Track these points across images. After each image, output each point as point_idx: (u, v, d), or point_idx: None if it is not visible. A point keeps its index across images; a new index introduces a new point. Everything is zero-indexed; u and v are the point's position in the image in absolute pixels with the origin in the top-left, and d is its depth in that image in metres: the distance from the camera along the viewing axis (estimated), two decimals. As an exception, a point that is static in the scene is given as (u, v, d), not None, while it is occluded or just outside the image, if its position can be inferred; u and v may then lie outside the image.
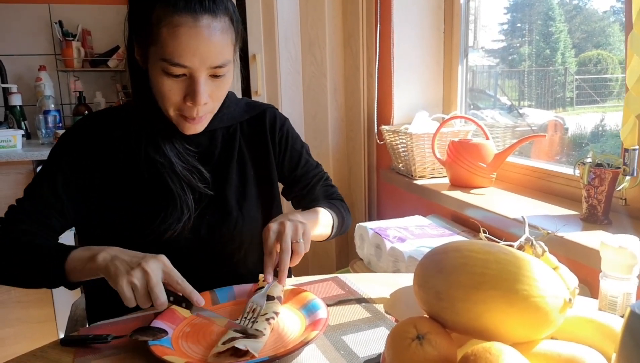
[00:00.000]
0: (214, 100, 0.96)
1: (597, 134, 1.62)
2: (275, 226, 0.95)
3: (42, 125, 2.48)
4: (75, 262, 0.86)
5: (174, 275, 0.81)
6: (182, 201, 1.00)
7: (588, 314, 0.64)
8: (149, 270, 0.78)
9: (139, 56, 0.94)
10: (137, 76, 0.98)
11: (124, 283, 0.77)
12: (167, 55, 0.87)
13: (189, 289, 0.81)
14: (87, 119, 1.06)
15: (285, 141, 1.17)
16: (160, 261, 0.81)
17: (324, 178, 1.26)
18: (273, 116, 1.17)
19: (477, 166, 1.62)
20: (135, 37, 0.94)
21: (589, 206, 1.20)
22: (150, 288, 0.78)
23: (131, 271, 0.78)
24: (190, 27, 0.86)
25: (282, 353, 0.73)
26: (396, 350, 0.60)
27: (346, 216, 1.23)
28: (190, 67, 0.88)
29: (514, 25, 1.93)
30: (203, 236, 1.04)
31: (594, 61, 1.61)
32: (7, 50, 2.70)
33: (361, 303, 0.95)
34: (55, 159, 1.01)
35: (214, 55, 0.89)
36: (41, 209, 0.97)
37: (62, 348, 0.82)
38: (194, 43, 0.86)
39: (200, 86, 0.90)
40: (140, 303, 0.79)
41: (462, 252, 0.62)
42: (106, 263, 0.81)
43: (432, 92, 2.12)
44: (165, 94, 0.92)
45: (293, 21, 2.21)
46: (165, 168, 1.00)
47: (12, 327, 2.25)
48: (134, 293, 0.78)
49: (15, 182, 2.19)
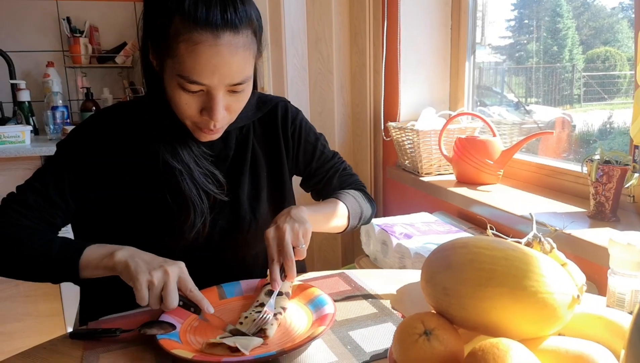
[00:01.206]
0: (232, 113, 0.92)
1: (605, 131, 1.61)
2: (272, 232, 0.91)
3: (50, 121, 2.49)
4: (91, 258, 0.86)
5: (188, 282, 0.83)
6: (198, 208, 0.97)
7: (596, 311, 0.64)
8: (170, 272, 0.79)
9: (155, 60, 0.90)
10: (152, 79, 0.93)
11: (144, 281, 0.78)
12: (185, 72, 0.83)
13: (199, 296, 0.83)
14: (97, 117, 1.01)
15: (299, 135, 1.14)
16: (179, 267, 0.82)
17: (341, 169, 1.21)
18: (285, 110, 1.13)
19: (484, 163, 1.62)
20: (150, 42, 0.89)
21: (597, 203, 1.20)
22: (167, 291, 0.79)
23: (152, 272, 0.79)
24: (210, 46, 0.81)
25: (290, 348, 0.74)
26: (403, 345, 0.61)
27: (364, 204, 1.17)
28: (208, 85, 0.85)
29: (521, 22, 1.92)
30: (215, 240, 1.02)
31: (602, 58, 1.60)
32: (16, 46, 2.71)
33: (368, 299, 0.95)
34: (64, 156, 0.98)
35: (235, 74, 0.85)
36: (45, 207, 0.94)
37: (72, 342, 0.83)
38: (213, 62, 0.82)
39: (218, 103, 0.87)
40: (151, 304, 0.80)
41: (470, 248, 0.62)
42: (126, 259, 0.82)
43: (439, 88, 2.12)
44: (181, 107, 0.88)
45: (300, 17, 2.21)
46: (183, 175, 0.96)
47: (20, 321, 2.27)
48: (149, 292, 0.79)
49: (24, 177, 2.17)
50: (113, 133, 0.98)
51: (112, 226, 1.01)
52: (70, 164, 0.96)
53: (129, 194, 0.98)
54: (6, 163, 2.18)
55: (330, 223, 1.07)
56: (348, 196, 1.14)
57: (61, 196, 0.95)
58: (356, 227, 1.17)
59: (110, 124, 0.99)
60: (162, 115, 0.94)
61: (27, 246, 0.88)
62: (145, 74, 0.94)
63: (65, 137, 1.01)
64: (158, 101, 0.93)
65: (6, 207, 0.94)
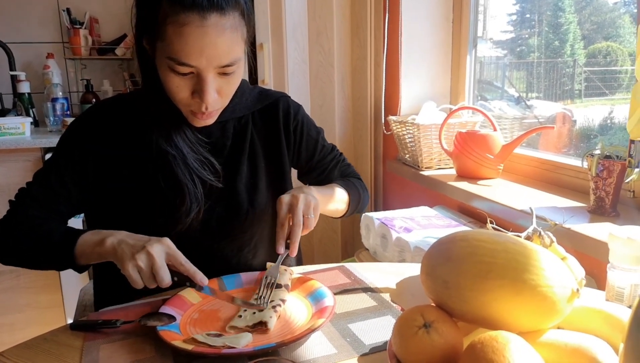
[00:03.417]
0: (223, 96, 0.94)
1: (606, 126, 1.61)
2: (287, 198, 0.95)
3: (50, 113, 2.49)
4: (84, 246, 0.89)
5: (177, 256, 0.84)
6: (192, 194, 0.99)
7: (595, 304, 0.65)
8: (153, 252, 0.81)
9: (147, 45, 0.92)
10: (146, 65, 0.95)
11: (130, 266, 0.81)
12: (174, 54, 0.84)
13: (193, 269, 0.84)
14: (96, 108, 1.04)
15: (301, 130, 1.15)
16: (163, 244, 0.83)
17: (341, 161, 1.25)
18: (286, 105, 1.14)
19: (485, 157, 1.62)
20: (142, 28, 0.91)
21: (597, 198, 1.20)
22: (155, 270, 0.80)
23: (136, 255, 0.81)
24: (197, 27, 0.82)
25: (289, 340, 0.74)
26: (403, 337, 0.61)
27: (362, 193, 1.23)
28: (197, 67, 0.86)
29: (522, 16, 1.91)
30: (213, 228, 1.04)
31: (603, 53, 1.60)
32: (16, 37, 2.70)
33: (367, 292, 0.95)
34: (64, 148, 1.01)
35: (223, 55, 0.86)
36: (49, 196, 0.98)
37: (72, 333, 0.83)
38: (200, 43, 0.83)
39: (208, 85, 0.88)
40: (146, 284, 0.82)
41: (470, 241, 0.62)
42: (113, 246, 0.85)
43: (440, 82, 2.11)
44: (172, 90, 0.90)
45: (301, 10, 2.20)
46: (176, 160, 0.98)
47: (21, 312, 2.28)
48: (140, 274, 0.81)
49: (24, 169, 2.21)
50: (112, 124, 1.01)
51: (113, 214, 1.02)
52: (70, 154, 1.00)
53: (127, 182, 1.00)
54: (6, 154, 2.18)
55: (333, 206, 1.12)
56: (350, 184, 1.19)
57: (63, 186, 0.99)
58: (352, 214, 1.23)
59: (109, 115, 1.02)
60: (157, 101, 0.97)
61: (32, 237, 0.93)
62: (139, 61, 0.97)
63: (66, 128, 1.04)
64: (153, 87, 0.96)
65: (17, 201, 0.99)
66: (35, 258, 0.94)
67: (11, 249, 0.95)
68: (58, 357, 0.76)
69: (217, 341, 0.75)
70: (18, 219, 0.96)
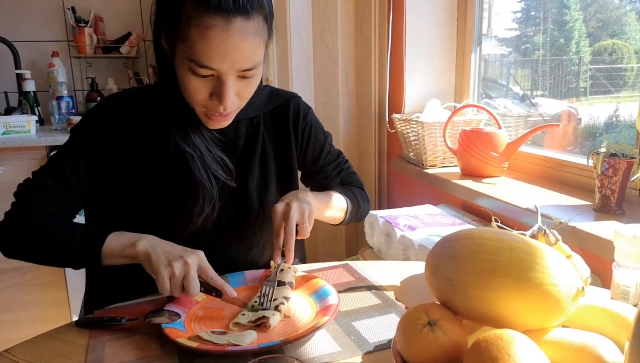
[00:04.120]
0: (242, 98, 0.93)
1: (611, 124, 1.60)
2: (281, 207, 0.95)
3: (56, 111, 2.49)
4: (113, 247, 0.88)
5: (208, 270, 0.85)
6: (208, 192, 0.98)
7: (601, 303, 0.64)
8: (190, 262, 0.81)
9: (166, 44, 0.91)
10: (164, 63, 0.94)
11: (166, 273, 0.81)
12: (195, 56, 0.83)
13: (221, 282, 0.86)
14: (110, 101, 1.02)
15: (309, 132, 1.15)
16: (198, 256, 0.84)
17: (345, 169, 1.24)
18: (297, 106, 1.13)
19: (489, 156, 1.61)
20: (162, 27, 0.90)
21: (602, 196, 1.20)
22: (188, 280, 0.81)
23: (173, 263, 0.81)
24: (221, 31, 0.81)
25: (294, 338, 0.74)
26: (407, 335, 0.61)
27: (363, 203, 1.21)
28: (218, 70, 0.85)
29: (527, 14, 1.90)
30: (223, 229, 1.03)
31: (608, 51, 1.59)
32: (21, 36, 2.71)
33: (371, 290, 0.95)
34: (79, 140, 0.98)
35: (245, 59, 0.85)
36: (63, 190, 0.96)
37: (78, 330, 0.83)
38: (224, 47, 0.82)
39: (228, 88, 0.87)
40: (173, 292, 0.82)
41: (475, 239, 0.62)
42: (147, 250, 0.84)
43: (445, 80, 2.11)
44: (191, 91, 0.89)
45: (305, 7, 2.20)
46: (194, 159, 0.97)
47: (26, 309, 2.29)
48: (171, 281, 0.81)
49: (29, 167, 2.21)
50: (124, 121, 0.99)
51: (123, 210, 1.02)
52: (85, 147, 0.97)
53: (140, 179, 0.99)
54: (12, 152, 2.19)
55: (329, 213, 1.11)
56: (350, 193, 1.18)
57: (79, 179, 0.97)
58: (350, 223, 1.21)
59: (121, 112, 1.00)
60: (175, 100, 0.95)
61: (50, 234, 0.90)
62: (157, 59, 0.95)
63: (78, 122, 1.02)
64: (170, 86, 0.95)
65: (26, 193, 0.95)
66: (51, 256, 0.92)
67: (24, 246, 0.92)
68: (63, 354, 0.76)
69: (221, 339, 0.75)
70: (31, 215, 0.92)
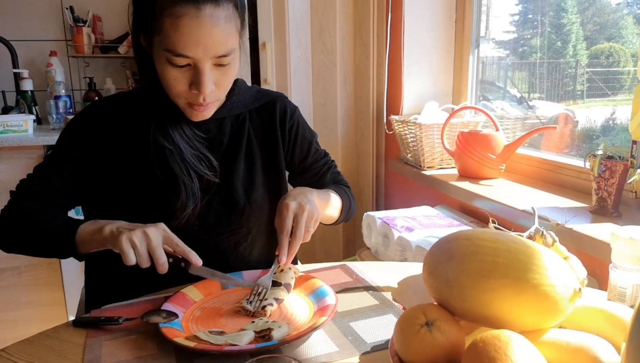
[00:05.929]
0: (220, 88, 0.96)
1: (608, 127, 1.61)
2: (294, 206, 0.95)
3: (53, 110, 2.49)
4: (84, 235, 0.93)
5: (172, 237, 0.88)
6: (188, 188, 1.00)
7: (597, 304, 0.65)
8: (149, 232, 0.84)
9: (145, 42, 0.95)
10: (144, 61, 0.98)
11: (124, 239, 0.83)
12: (170, 46, 0.87)
13: (187, 249, 0.88)
14: (95, 105, 1.07)
15: (296, 131, 1.17)
16: (159, 228, 0.87)
17: (332, 166, 1.26)
18: (283, 105, 1.16)
19: (487, 157, 1.62)
20: (140, 24, 0.94)
21: (599, 198, 1.20)
22: (152, 249, 0.84)
23: (132, 232, 0.84)
24: (192, 18, 0.85)
25: (291, 338, 0.74)
26: (405, 336, 0.61)
27: (352, 202, 1.24)
28: (193, 58, 0.88)
29: (525, 17, 1.91)
30: (210, 224, 1.05)
31: (605, 54, 1.60)
32: (19, 35, 2.71)
33: (369, 291, 0.95)
34: (64, 144, 1.04)
35: (218, 45, 0.89)
36: (48, 190, 1.02)
37: (75, 330, 0.83)
38: (196, 34, 0.86)
39: (205, 76, 0.90)
40: (140, 263, 0.84)
41: (473, 240, 0.62)
42: (111, 231, 0.88)
43: (443, 82, 2.11)
44: (170, 83, 0.92)
45: (303, 9, 2.21)
46: (173, 155, 1.00)
47: (23, 309, 2.28)
48: (135, 251, 0.83)
49: (27, 166, 2.21)
50: (111, 119, 1.03)
51: (112, 207, 1.04)
52: (69, 149, 1.03)
53: (126, 176, 1.02)
54: (9, 151, 2.18)
55: (328, 212, 1.13)
56: (342, 192, 1.21)
57: (61, 180, 1.02)
58: (340, 222, 1.23)
59: (108, 111, 1.05)
60: (155, 97, 1.00)
61: (33, 228, 0.98)
62: (137, 58, 1.00)
63: (66, 125, 1.07)
64: (150, 82, 0.98)
65: (18, 193, 1.03)
66: (37, 247, 0.99)
67: (14, 239, 1.00)
68: (60, 354, 0.76)
69: (219, 339, 0.75)
70: (19, 211, 1.00)
